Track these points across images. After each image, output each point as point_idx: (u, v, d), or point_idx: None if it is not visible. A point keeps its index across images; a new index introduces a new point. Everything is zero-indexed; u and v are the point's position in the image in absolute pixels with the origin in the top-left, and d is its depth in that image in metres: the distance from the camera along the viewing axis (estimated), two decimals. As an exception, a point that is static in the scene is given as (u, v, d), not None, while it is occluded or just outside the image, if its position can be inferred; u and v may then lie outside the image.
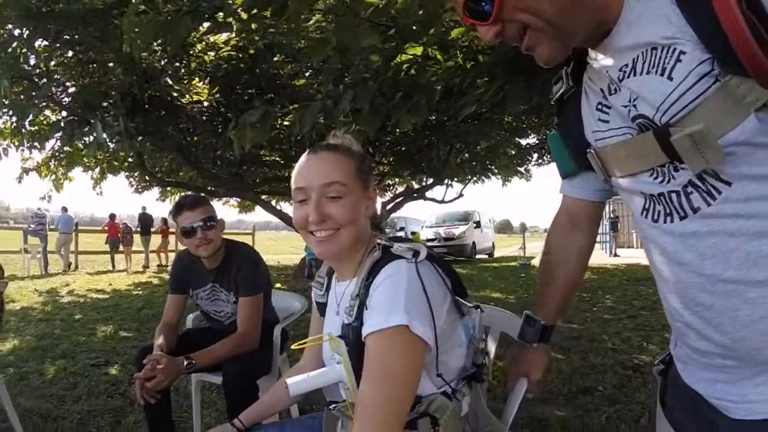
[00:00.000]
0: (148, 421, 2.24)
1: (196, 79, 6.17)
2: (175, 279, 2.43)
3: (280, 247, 21.03)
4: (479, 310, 1.17)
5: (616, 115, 0.85)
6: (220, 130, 6.45)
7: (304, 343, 1.22)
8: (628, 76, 0.79)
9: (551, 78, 1.09)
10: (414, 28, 2.54)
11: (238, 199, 14.50)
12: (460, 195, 15.22)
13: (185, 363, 2.01)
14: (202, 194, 7.90)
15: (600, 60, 0.86)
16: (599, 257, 15.92)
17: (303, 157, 1.17)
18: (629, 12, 0.78)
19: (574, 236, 1.24)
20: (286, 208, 13.70)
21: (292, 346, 1.22)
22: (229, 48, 5.10)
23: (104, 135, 4.18)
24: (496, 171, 13.69)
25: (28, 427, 2.76)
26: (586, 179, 1.11)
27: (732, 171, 0.71)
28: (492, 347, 1.61)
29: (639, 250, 18.84)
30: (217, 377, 2.22)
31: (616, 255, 16.63)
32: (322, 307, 1.30)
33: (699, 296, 0.78)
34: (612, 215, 17.63)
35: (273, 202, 12.04)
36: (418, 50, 2.98)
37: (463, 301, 1.15)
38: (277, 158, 9.24)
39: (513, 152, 12.52)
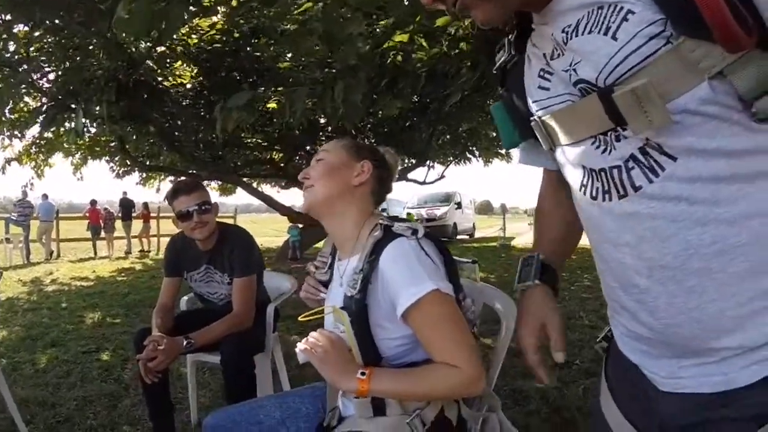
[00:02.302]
0: (149, 402, 2.32)
1: (179, 62, 6.12)
2: (169, 262, 2.50)
3: (262, 230, 20.99)
4: (477, 264, 1.33)
5: (557, 81, 0.80)
6: (202, 113, 6.43)
7: (310, 314, 1.33)
8: (571, 37, 0.74)
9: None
10: (401, 14, 2.60)
11: (219, 182, 14.47)
12: (442, 176, 15.37)
13: (184, 342, 2.09)
14: (186, 178, 7.89)
15: (544, 23, 0.81)
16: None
17: None
18: None
19: (562, 187, 1.04)
20: (268, 190, 13.72)
21: (299, 318, 1.32)
22: (214, 31, 5.07)
23: (85, 121, 4.14)
24: (477, 153, 13.84)
25: (26, 415, 2.79)
26: (538, 150, 0.99)
27: (678, 143, 0.67)
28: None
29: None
30: (213, 357, 2.31)
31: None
32: (325, 285, 1.41)
33: (635, 279, 0.75)
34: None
35: (254, 185, 12.04)
36: (404, 37, 3.05)
37: (459, 258, 1.28)
38: (260, 140, 9.23)
39: (494, 134, 12.65)
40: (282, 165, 10.89)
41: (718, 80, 0.63)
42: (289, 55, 4.31)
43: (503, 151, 14.52)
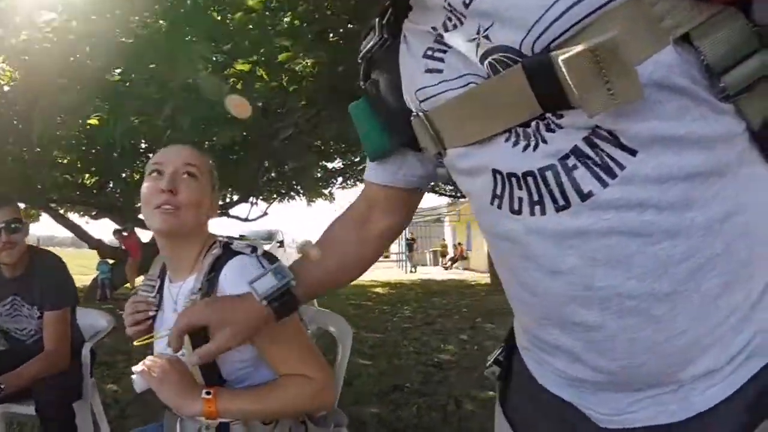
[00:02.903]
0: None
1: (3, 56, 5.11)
2: None
3: (68, 265, 18.15)
4: None
5: (454, 59, 0.62)
6: (15, 121, 5.43)
7: (146, 338, 1.23)
8: None
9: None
10: (246, 44, 2.62)
11: (22, 206, 12.30)
12: (265, 214, 15.18)
13: None
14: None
15: None
16: (397, 274, 17.29)
17: (163, 148, 1.25)
18: None
19: (375, 216, 0.92)
20: (76, 220, 12.06)
21: (135, 342, 1.20)
22: (49, 29, 4.35)
23: None
24: (301, 192, 14.03)
25: None
26: (402, 161, 0.82)
27: (640, 129, 0.51)
28: None
29: (432, 267, 21.24)
30: (26, 407, 1.96)
31: (413, 271, 18.33)
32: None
33: (581, 314, 0.58)
34: (408, 236, 19.57)
35: (62, 212, 10.55)
36: (246, 67, 3.06)
37: None
38: (74, 160, 8.08)
39: (319, 174, 13.01)
40: (94, 191, 9.69)
41: (681, 47, 0.50)
42: (118, 70, 3.95)
43: (327, 191, 14.97)
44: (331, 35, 3.52)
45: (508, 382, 0.80)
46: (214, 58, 3.12)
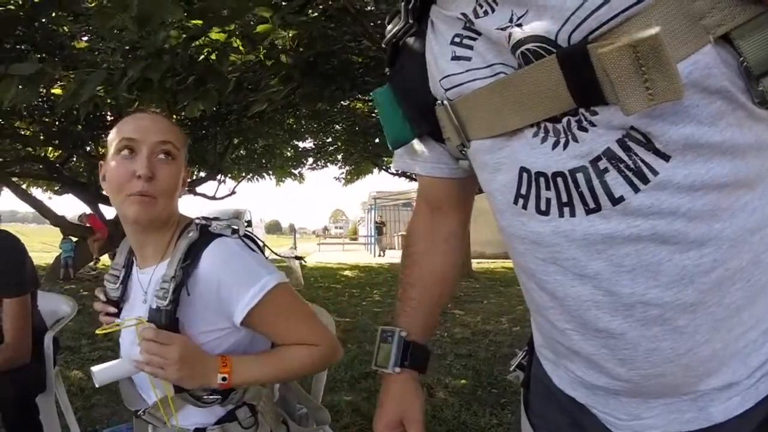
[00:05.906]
0: None
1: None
2: None
3: (29, 243, 17.41)
4: (301, 260, 1.26)
5: (484, 47, 0.59)
6: None
7: (108, 328, 1.11)
8: None
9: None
10: (224, 13, 2.46)
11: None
12: (233, 192, 14.87)
13: None
14: None
15: None
16: (365, 257, 17.30)
17: (132, 115, 1.10)
18: None
19: (437, 221, 0.90)
20: (39, 195, 11.56)
21: (97, 331, 1.11)
22: None
23: None
24: (270, 171, 13.79)
25: None
26: (441, 151, 0.78)
27: (675, 133, 0.49)
28: None
29: (400, 251, 21.30)
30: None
31: (381, 255, 18.36)
32: (115, 303, 1.18)
33: (605, 320, 0.57)
34: (378, 220, 19.61)
35: (24, 186, 10.07)
36: (222, 36, 2.89)
37: (283, 254, 1.23)
38: (37, 132, 7.66)
39: (289, 154, 12.80)
40: (57, 165, 9.27)
41: (721, 46, 0.47)
42: (85, 38, 3.70)
43: (296, 171, 14.73)
44: (311, 11, 3.37)
45: (530, 387, 0.80)
46: (191, 25, 2.95)
